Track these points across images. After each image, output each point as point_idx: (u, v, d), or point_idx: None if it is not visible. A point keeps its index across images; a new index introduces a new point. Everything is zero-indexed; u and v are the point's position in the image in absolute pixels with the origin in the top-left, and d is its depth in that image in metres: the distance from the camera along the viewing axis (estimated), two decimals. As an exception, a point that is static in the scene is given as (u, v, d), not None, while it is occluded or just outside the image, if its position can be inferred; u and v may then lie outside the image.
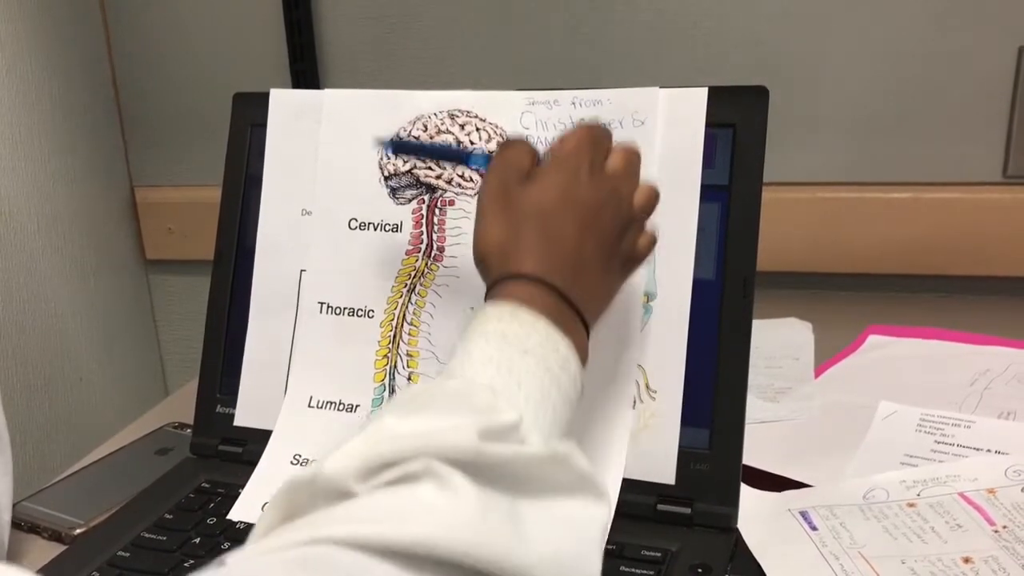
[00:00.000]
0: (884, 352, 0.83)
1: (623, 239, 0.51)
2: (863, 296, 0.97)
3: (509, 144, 0.52)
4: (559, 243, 0.48)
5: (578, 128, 0.52)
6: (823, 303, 0.97)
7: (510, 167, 0.50)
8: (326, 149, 0.66)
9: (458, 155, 0.58)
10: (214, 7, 1.03)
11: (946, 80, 0.92)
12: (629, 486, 0.57)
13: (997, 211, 0.92)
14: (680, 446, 0.57)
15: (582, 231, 0.48)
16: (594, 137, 0.51)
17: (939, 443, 0.65)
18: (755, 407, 0.73)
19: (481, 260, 0.50)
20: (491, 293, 0.47)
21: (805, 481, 0.62)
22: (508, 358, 0.42)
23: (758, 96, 0.58)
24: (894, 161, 0.95)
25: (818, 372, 0.81)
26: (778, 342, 0.86)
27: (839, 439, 0.68)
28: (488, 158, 0.54)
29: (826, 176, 0.97)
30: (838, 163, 0.97)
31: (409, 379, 0.63)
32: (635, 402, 0.58)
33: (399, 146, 0.60)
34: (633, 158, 0.53)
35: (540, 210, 0.48)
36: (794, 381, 0.79)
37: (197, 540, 0.59)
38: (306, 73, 0.99)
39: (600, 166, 0.51)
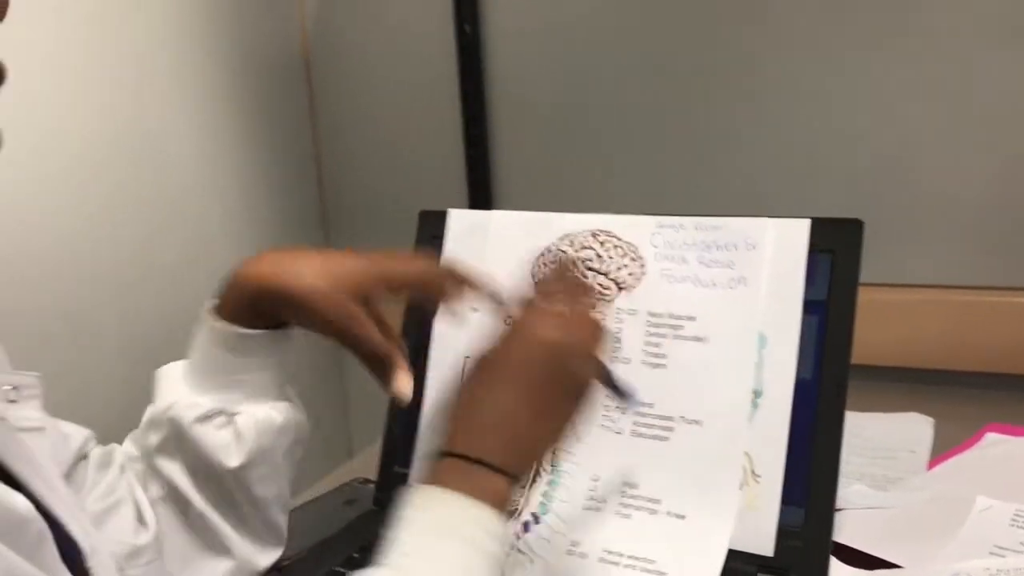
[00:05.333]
0: (999, 449, 0.89)
1: None
2: (986, 394, 1.02)
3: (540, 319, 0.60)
4: (534, 446, 0.57)
5: (596, 333, 0.60)
6: (947, 399, 1.02)
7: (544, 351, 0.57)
8: (491, 259, 0.80)
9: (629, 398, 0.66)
10: (407, 136, 1.22)
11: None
12: (734, 556, 0.66)
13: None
14: (779, 523, 0.67)
15: (555, 434, 0.58)
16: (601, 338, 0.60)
17: (1030, 537, 0.71)
18: (864, 495, 0.81)
19: (455, 418, 0.56)
20: (463, 469, 0.53)
21: (896, 562, 0.70)
22: (478, 566, 0.51)
23: (854, 228, 0.68)
24: (1019, 266, 1.01)
25: (932, 464, 0.88)
26: (897, 435, 0.93)
27: (936, 528, 0.74)
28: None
29: (954, 279, 1.04)
30: (965, 267, 1.03)
31: (552, 454, 0.75)
32: (742, 484, 0.68)
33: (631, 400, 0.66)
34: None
35: (529, 411, 0.55)
36: (906, 472, 0.86)
37: (377, 576, 0.73)
38: (481, 193, 1.16)
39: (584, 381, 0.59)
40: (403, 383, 0.68)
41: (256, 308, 0.67)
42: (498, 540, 0.52)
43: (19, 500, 0.40)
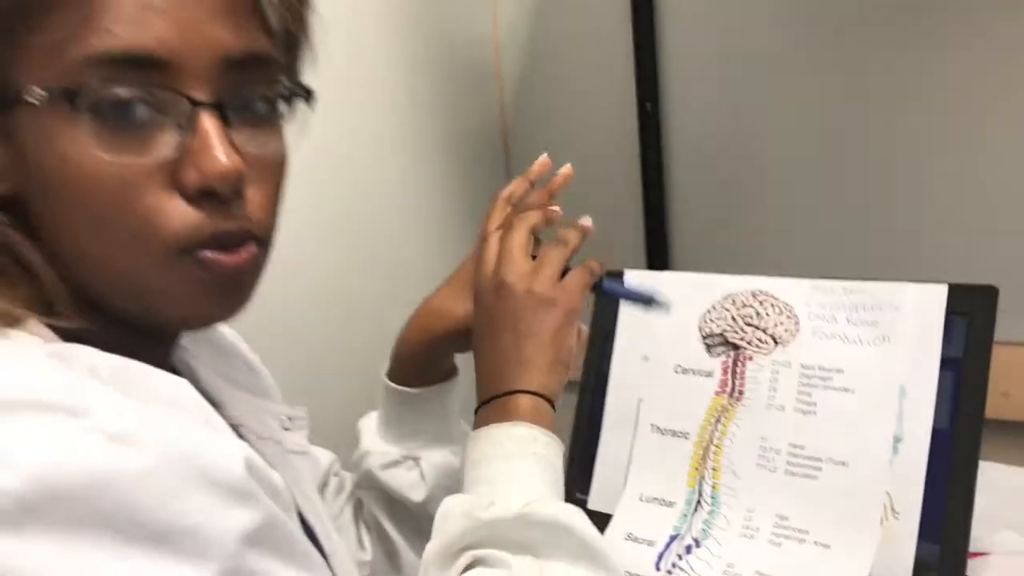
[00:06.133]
0: None
1: None
2: None
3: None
4: (563, 363, 0.69)
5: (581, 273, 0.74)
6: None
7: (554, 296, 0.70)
8: (660, 315, 0.92)
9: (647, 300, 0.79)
10: (592, 202, 1.33)
11: None
12: (874, 584, 0.75)
13: None
14: (915, 557, 0.74)
15: (531, 344, 0.69)
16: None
17: None
18: (1013, 541, 0.86)
19: (502, 362, 0.69)
20: (515, 401, 0.67)
21: (1033, 602, 0.76)
22: (554, 480, 0.65)
23: (989, 294, 0.76)
24: None
25: (1088, 519, 0.91)
26: (1053, 490, 0.97)
27: (1078, 574, 0.80)
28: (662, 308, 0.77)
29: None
30: None
31: (713, 487, 0.86)
32: (882, 520, 0.77)
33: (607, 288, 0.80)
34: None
35: (556, 335, 0.69)
36: (1059, 524, 0.90)
37: (558, 583, 0.85)
38: (659, 254, 1.28)
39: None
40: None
41: (424, 366, 0.81)
42: (531, 441, 0.65)
43: (275, 475, 0.48)
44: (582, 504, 0.94)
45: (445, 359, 0.82)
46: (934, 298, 0.78)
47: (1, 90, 0.48)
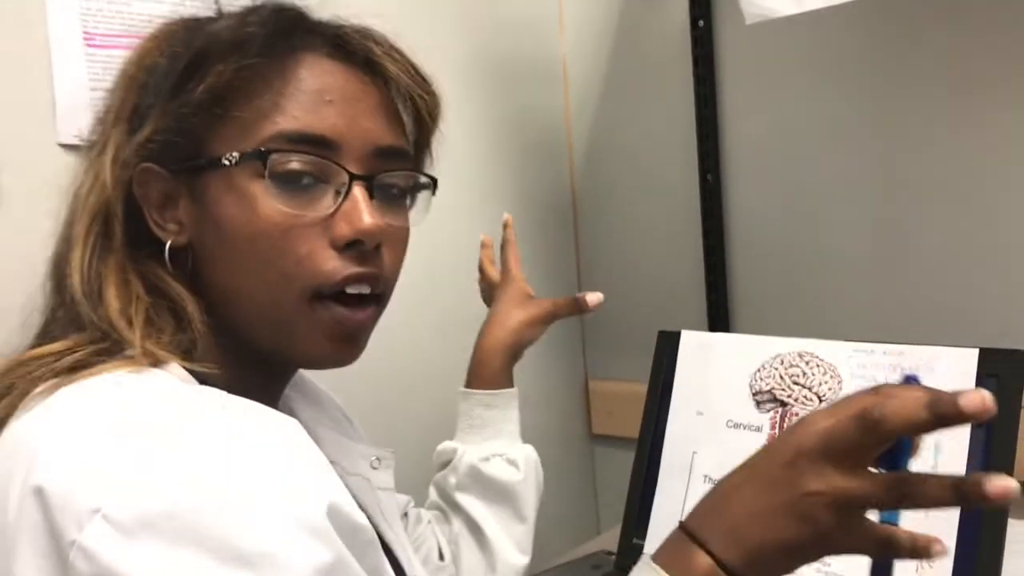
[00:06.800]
0: None
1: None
2: None
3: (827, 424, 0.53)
4: (755, 544, 0.53)
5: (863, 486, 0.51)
6: None
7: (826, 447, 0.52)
8: (714, 373, 1.00)
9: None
10: (655, 265, 1.44)
11: None
12: (909, 628, 0.80)
13: None
14: (948, 603, 0.80)
15: (777, 545, 0.53)
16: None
17: None
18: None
19: (726, 510, 0.54)
20: (700, 560, 0.54)
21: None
22: None
23: (1018, 357, 0.82)
24: None
25: None
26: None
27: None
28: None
29: None
30: None
31: (761, 534, 0.92)
32: (917, 568, 0.82)
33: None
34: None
35: (795, 550, 0.52)
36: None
37: (614, 621, 0.92)
38: (721, 316, 1.35)
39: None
40: (590, 296, 0.98)
41: (497, 367, 0.95)
42: None
43: (359, 515, 0.53)
44: (639, 548, 1.01)
45: (511, 362, 0.97)
46: (966, 360, 0.84)
47: (201, 158, 0.62)
